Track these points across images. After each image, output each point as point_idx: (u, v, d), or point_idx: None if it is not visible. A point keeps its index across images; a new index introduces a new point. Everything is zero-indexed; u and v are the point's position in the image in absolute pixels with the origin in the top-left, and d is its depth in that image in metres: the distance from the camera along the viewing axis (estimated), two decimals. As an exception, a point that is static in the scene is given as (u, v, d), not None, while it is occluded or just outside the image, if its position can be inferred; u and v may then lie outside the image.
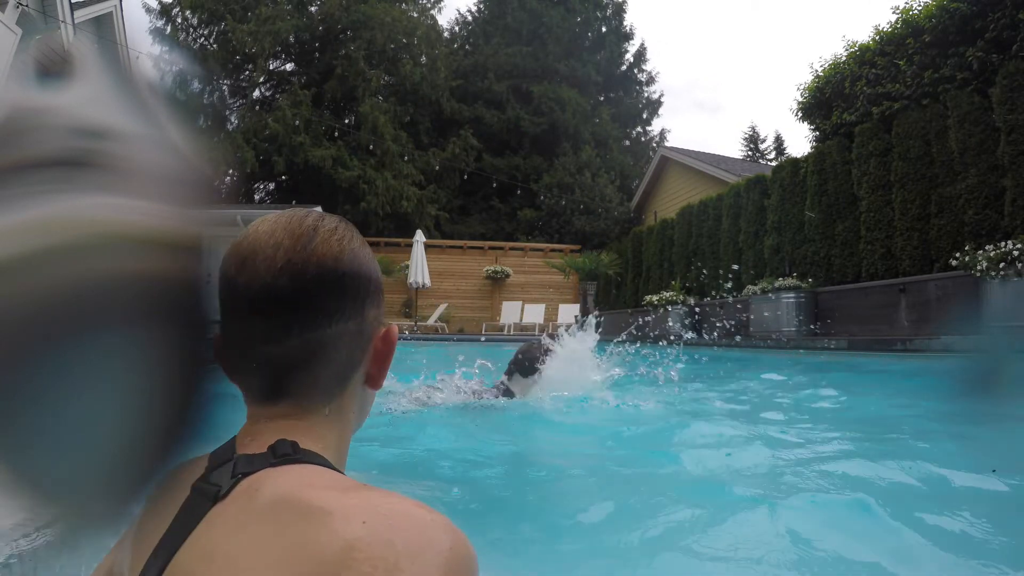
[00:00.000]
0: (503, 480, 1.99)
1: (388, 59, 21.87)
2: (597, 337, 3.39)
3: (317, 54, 22.51)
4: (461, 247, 17.40)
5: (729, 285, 9.78)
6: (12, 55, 7.72)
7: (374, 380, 0.58)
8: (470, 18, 27.07)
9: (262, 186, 22.84)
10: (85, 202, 0.35)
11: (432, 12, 24.06)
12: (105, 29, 11.18)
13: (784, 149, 28.44)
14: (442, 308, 15.40)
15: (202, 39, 21.13)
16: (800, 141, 59.37)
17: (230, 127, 20.98)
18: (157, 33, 20.46)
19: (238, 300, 0.50)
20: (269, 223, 0.52)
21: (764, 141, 29.87)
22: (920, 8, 7.31)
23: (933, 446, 2.12)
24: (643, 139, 27.99)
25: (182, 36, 20.70)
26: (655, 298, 11.00)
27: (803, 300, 7.78)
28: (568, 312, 15.11)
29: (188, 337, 0.37)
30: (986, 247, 5.53)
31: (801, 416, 2.90)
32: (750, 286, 8.67)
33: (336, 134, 20.56)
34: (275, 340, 0.50)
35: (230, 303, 0.51)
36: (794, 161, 8.88)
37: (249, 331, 0.51)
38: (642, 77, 27.86)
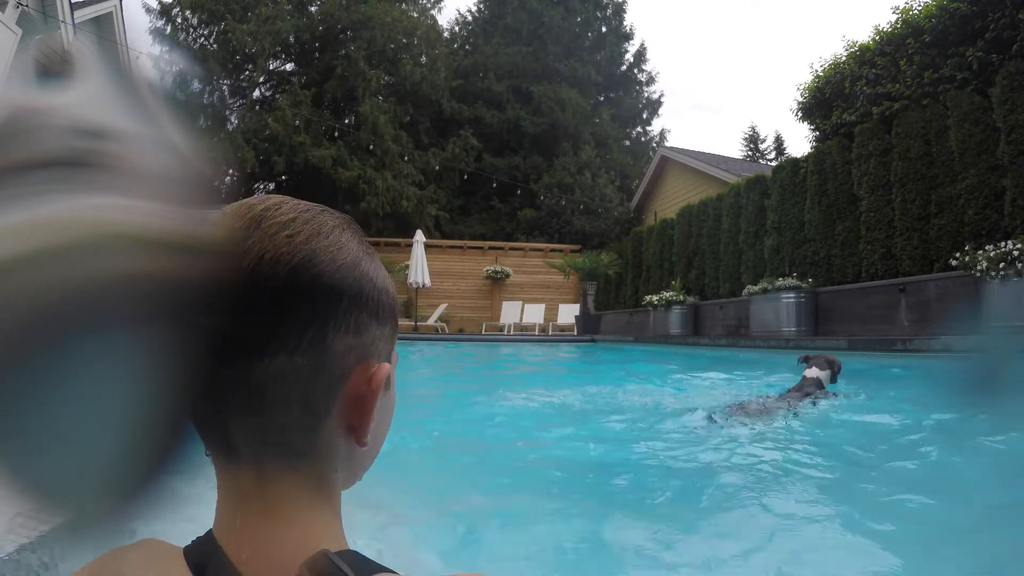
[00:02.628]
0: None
1: (388, 59, 21.86)
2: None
3: (317, 54, 22.52)
4: (461, 247, 17.40)
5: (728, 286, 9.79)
6: (12, 55, 7.73)
7: (357, 434, 0.43)
8: (470, 18, 27.10)
9: (262, 186, 22.84)
10: (85, 202, 0.35)
11: (432, 12, 24.08)
12: (105, 29, 11.19)
13: (784, 149, 28.52)
14: (442, 308, 15.40)
15: (202, 39, 21.13)
16: (800, 141, 59.44)
17: (230, 127, 20.99)
18: (157, 33, 20.47)
19: None
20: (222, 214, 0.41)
21: (764, 141, 29.94)
22: (920, 8, 7.31)
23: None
24: (643, 139, 28.02)
25: (182, 36, 20.71)
26: (655, 298, 10.99)
27: (803, 300, 7.78)
28: (568, 312, 15.10)
29: (188, 337, 0.37)
30: (986, 247, 5.52)
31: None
32: (750, 286, 8.67)
33: (336, 134, 20.56)
34: None
35: None
36: (794, 161, 8.88)
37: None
38: (642, 77, 27.89)
